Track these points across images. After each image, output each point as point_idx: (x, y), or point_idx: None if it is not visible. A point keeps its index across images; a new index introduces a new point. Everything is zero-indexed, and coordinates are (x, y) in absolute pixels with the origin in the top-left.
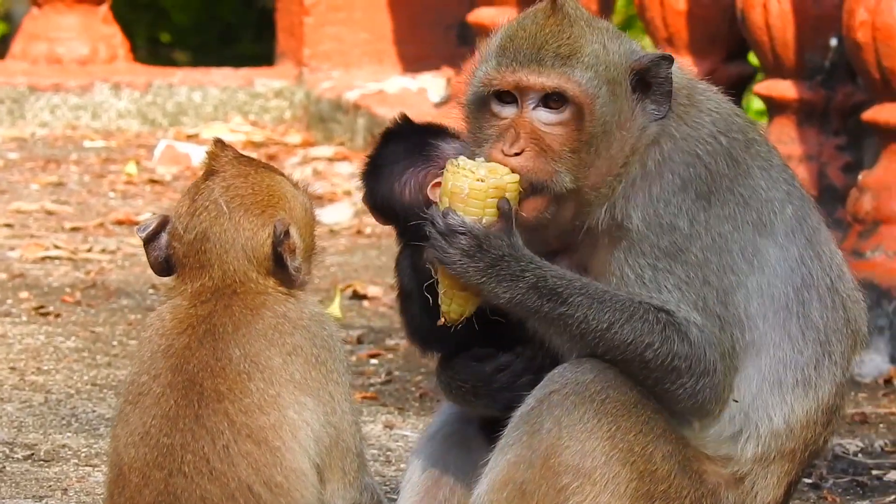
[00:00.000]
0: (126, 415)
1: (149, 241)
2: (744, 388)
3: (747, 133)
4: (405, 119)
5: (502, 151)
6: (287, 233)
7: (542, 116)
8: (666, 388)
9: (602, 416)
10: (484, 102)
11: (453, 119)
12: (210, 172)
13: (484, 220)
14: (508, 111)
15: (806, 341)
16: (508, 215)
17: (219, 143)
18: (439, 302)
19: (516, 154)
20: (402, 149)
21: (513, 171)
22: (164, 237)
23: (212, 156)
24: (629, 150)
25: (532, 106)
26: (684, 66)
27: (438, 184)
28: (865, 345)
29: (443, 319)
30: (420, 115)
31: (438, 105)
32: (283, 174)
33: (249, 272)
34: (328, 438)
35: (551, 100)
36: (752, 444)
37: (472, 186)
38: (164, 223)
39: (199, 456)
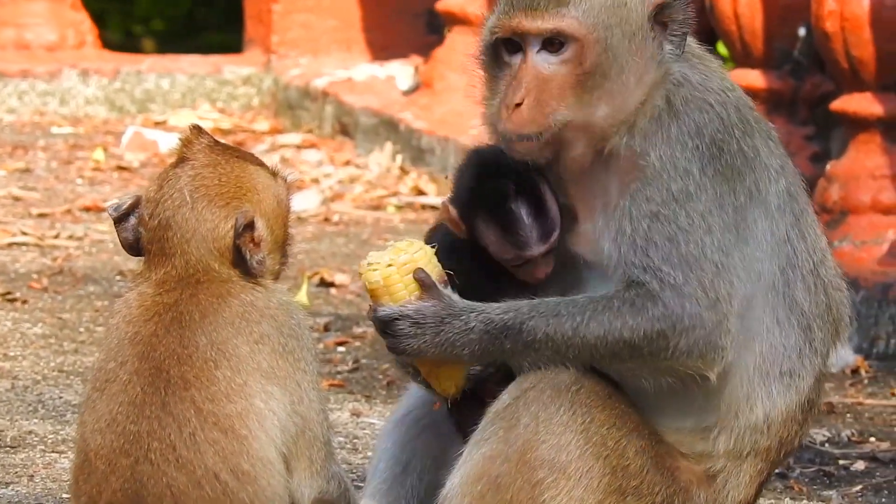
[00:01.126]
0: (93, 402)
1: (119, 221)
2: (733, 375)
3: (748, 101)
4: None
5: (505, 107)
6: (250, 225)
7: (545, 60)
8: (666, 358)
9: (577, 407)
10: (495, 53)
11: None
12: (181, 159)
13: (412, 298)
14: (516, 59)
15: (792, 326)
16: (428, 282)
17: (195, 129)
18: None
19: (517, 106)
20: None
21: (510, 129)
22: (133, 218)
23: (185, 142)
24: (649, 82)
25: (535, 51)
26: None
27: None
28: (846, 334)
29: (445, 399)
30: (388, 103)
31: (407, 93)
32: (259, 163)
33: (211, 263)
34: (295, 427)
35: (551, 42)
36: (725, 437)
37: (384, 275)
38: (136, 204)
39: (166, 443)
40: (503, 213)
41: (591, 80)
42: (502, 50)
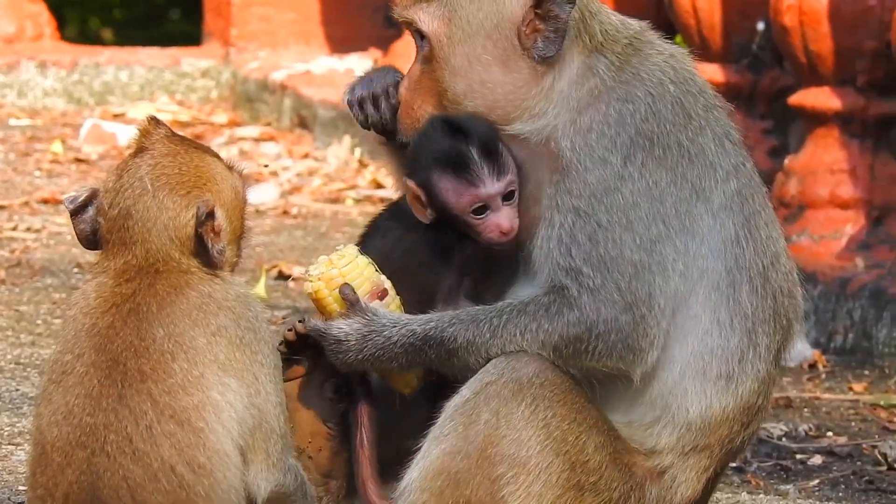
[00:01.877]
0: (49, 394)
1: (76, 213)
2: (666, 371)
3: (708, 99)
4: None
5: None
6: (211, 214)
7: (420, 54)
8: (586, 360)
9: (538, 402)
10: None
11: None
12: (140, 149)
13: (339, 313)
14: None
15: (734, 328)
16: (352, 297)
17: (152, 120)
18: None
19: (398, 106)
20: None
21: (398, 123)
22: (91, 210)
23: (143, 133)
24: (524, 76)
25: (416, 44)
26: (651, 34)
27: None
28: (791, 341)
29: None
30: None
31: None
32: (215, 155)
33: (172, 252)
34: (252, 420)
35: (420, 37)
36: (668, 433)
37: (314, 289)
38: (92, 196)
39: (122, 436)
40: (454, 156)
41: (446, 63)
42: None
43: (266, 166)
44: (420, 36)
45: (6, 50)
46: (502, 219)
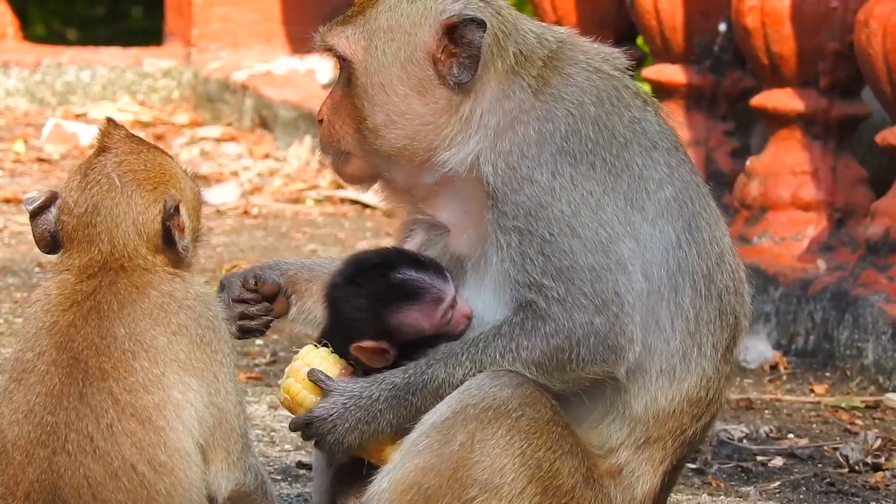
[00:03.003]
0: (10, 392)
1: (35, 215)
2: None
3: (633, 111)
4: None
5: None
6: (177, 209)
7: (341, 79)
8: (571, 370)
9: (515, 434)
10: None
11: None
12: (102, 149)
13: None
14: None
15: (674, 331)
16: (322, 378)
17: (111, 121)
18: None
19: (320, 122)
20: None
21: (319, 143)
22: (52, 213)
23: (104, 133)
24: (442, 111)
25: (339, 69)
26: (577, 41)
27: None
28: (741, 337)
29: None
30: (308, 96)
31: (326, 86)
32: (171, 156)
33: (139, 247)
34: (212, 419)
35: (336, 59)
36: (617, 427)
37: (286, 388)
38: (52, 198)
39: (83, 434)
40: (403, 288)
41: (366, 97)
42: None
43: (235, 174)
44: (341, 58)
45: None
46: (465, 307)
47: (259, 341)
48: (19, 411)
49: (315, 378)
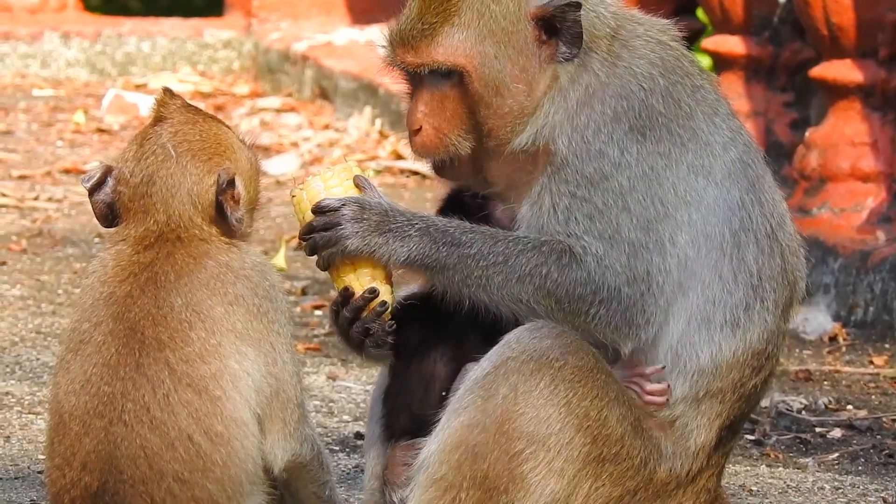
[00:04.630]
0: (67, 362)
1: (93, 191)
2: (671, 324)
3: (694, 80)
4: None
5: (407, 126)
6: (231, 182)
7: (436, 84)
8: (583, 321)
9: (559, 383)
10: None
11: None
12: (158, 119)
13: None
14: (415, 78)
15: (737, 283)
16: (369, 184)
17: (167, 91)
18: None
19: (417, 131)
20: None
21: (414, 153)
22: (108, 185)
23: (160, 103)
24: (542, 89)
25: (425, 78)
26: (631, 13)
27: None
28: (802, 298)
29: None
30: (368, 66)
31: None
32: (228, 126)
33: (194, 218)
34: (269, 389)
35: (438, 70)
36: (681, 382)
37: (324, 179)
38: (108, 172)
39: (140, 404)
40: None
41: (481, 102)
42: (399, 72)
43: (295, 144)
44: (441, 72)
45: (30, 21)
46: None
47: (318, 312)
48: (76, 381)
49: (360, 182)
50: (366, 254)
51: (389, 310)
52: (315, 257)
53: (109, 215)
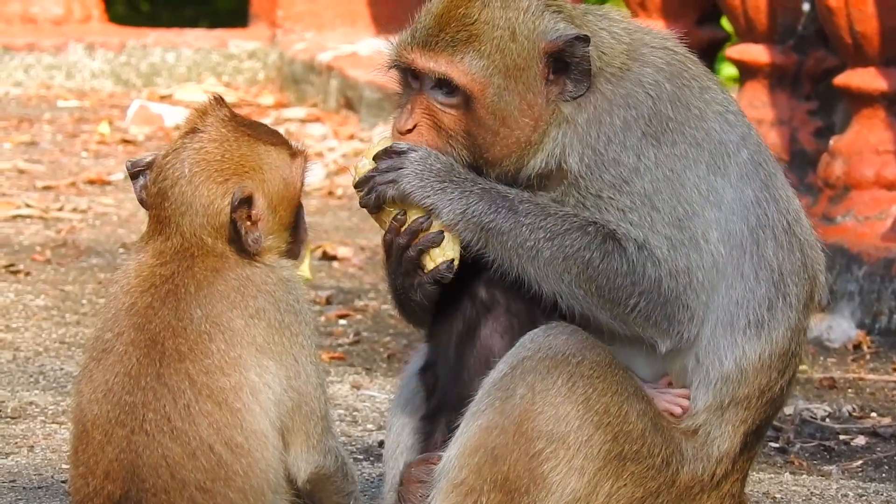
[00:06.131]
0: (90, 371)
1: (132, 178)
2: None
3: (701, 81)
4: None
5: (397, 128)
6: (247, 201)
7: (437, 97)
8: (622, 312)
9: (577, 380)
10: (399, 73)
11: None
12: (191, 130)
13: None
14: (414, 84)
15: (759, 280)
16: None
17: (215, 100)
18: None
19: (409, 130)
20: None
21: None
22: (142, 180)
23: (200, 112)
24: (548, 120)
25: (430, 85)
26: (637, 25)
27: None
28: (818, 292)
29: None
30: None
31: None
32: (276, 142)
33: (205, 238)
34: (290, 402)
35: (445, 83)
36: (703, 392)
37: (368, 155)
38: (149, 166)
39: (161, 414)
40: None
41: (480, 131)
42: (403, 73)
43: (320, 155)
44: (449, 87)
45: (54, 32)
46: None
47: (343, 321)
48: (98, 391)
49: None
50: (420, 199)
51: (455, 266)
52: (367, 205)
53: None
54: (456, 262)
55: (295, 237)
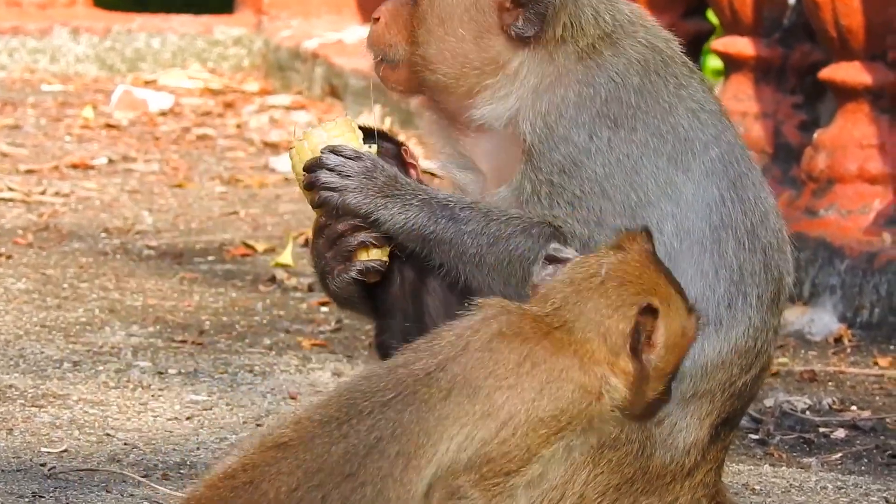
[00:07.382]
0: None
1: (549, 262)
2: None
3: (680, 79)
4: None
5: (371, 19)
6: (654, 313)
7: None
8: None
9: None
10: None
11: None
12: (617, 247)
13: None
14: None
15: (719, 279)
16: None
17: (645, 233)
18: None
19: (376, 20)
20: None
21: (366, 43)
22: (552, 269)
23: (629, 237)
24: (500, 63)
25: None
26: (642, 20)
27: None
28: (785, 293)
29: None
30: None
31: None
32: (681, 291)
33: (592, 338)
34: None
35: None
36: None
37: (327, 129)
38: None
39: None
40: None
41: (423, 27)
42: None
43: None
44: None
45: (39, 16)
46: None
47: (324, 308)
48: None
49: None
50: (364, 213)
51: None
52: (309, 201)
53: None
54: (384, 266)
55: (665, 392)
